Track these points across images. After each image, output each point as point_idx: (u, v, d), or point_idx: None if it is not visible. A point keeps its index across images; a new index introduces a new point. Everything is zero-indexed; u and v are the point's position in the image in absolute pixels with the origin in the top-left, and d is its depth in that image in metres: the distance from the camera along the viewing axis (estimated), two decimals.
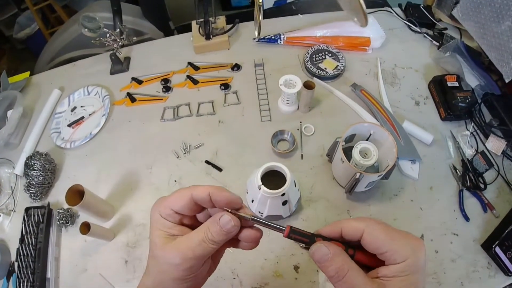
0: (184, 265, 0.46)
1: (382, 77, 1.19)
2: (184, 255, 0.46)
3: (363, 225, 0.46)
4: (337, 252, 0.46)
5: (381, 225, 0.45)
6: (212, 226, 0.47)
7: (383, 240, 0.44)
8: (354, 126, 0.90)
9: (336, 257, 0.45)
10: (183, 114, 1.19)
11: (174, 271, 0.47)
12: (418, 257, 0.44)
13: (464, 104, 1.05)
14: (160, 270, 0.48)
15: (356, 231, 0.46)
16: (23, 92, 1.36)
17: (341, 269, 0.45)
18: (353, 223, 0.47)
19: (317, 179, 1.01)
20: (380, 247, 0.44)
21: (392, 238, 0.44)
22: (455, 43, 1.19)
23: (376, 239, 0.45)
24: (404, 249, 0.43)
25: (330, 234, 0.49)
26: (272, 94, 1.19)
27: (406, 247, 0.43)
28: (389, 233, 0.44)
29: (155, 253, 0.48)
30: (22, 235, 0.98)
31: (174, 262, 0.46)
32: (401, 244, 0.43)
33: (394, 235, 0.44)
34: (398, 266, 0.43)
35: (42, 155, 1.09)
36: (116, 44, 1.29)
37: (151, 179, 1.07)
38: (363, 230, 0.45)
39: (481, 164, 0.99)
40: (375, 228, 0.45)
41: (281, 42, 1.31)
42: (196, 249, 0.46)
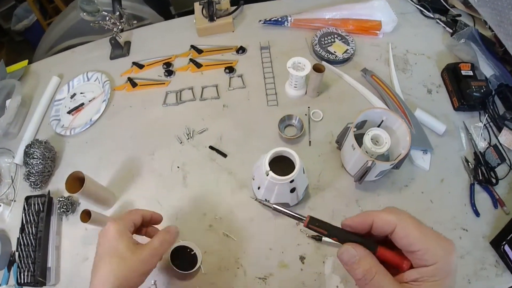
0: (152, 260, 0.66)
1: (394, 63, 1.15)
2: (153, 252, 0.66)
3: (396, 219, 0.44)
4: (365, 254, 0.45)
5: (415, 221, 0.44)
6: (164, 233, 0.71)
7: (415, 238, 0.43)
8: (366, 112, 0.87)
9: (364, 259, 0.45)
10: (186, 98, 1.16)
11: (143, 267, 0.64)
12: (450, 260, 0.42)
13: (478, 94, 1.01)
14: (129, 268, 0.62)
15: (388, 225, 0.45)
16: (22, 81, 1.33)
17: (369, 272, 0.44)
18: (386, 216, 0.45)
19: (325, 166, 0.97)
20: (412, 245, 0.43)
21: (425, 235, 0.43)
22: (469, 30, 1.14)
23: (408, 235, 0.43)
24: (436, 249, 0.42)
25: (358, 226, 0.47)
26: (279, 78, 1.16)
27: (438, 247, 0.42)
28: (423, 231, 0.43)
29: (125, 255, 0.63)
30: (23, 225, 0.97)
31: (145, 258, 0.65)
32: (434, 244, 0.42)
33: (427, 233, 0.43)
34: (428, 269, 0.42)
35: (42, 143, 1.07)
36: (116, 28, 1.25)
37: (153, 165, 1.04)
38: (395, 224, 0.44)
39: (493, 158, 0.95)
40: (409, 224, 0.44)
41: (288, 25, 1.27)
42: (159, 249, 0.68)
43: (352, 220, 0.48)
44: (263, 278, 0.84)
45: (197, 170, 1.01)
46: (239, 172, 0.99)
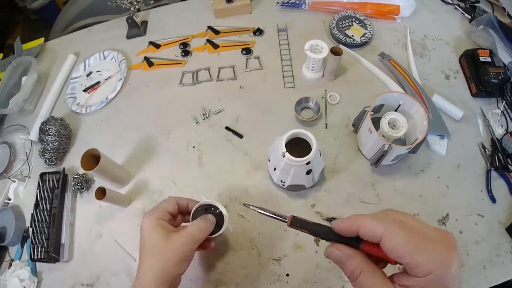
0: (186, 247, 0.64)
1: (411, 48, 1.14)
2: (187, 239, 0.65)
3: (382, 229, 0.42)
4: (349, 254, 0.46)
5: (404, 231, 0.41)
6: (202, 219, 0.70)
7: (404, 251, 0.40)
8: (383, 95, 0.86)
9: (350, 259, 0.45)
10: (202, 78, 1.16)
11: (178, 254, 0.63)
12: (445, 272, 0.39)
13: (497, 80, 1.00)
14: (164, 258, 0.63)
15: (374, 235, 0.43)
16: (38, 58, 1.34)
17: (354, 272, 0.44)
18: (371, 225, 0.43)
19: (341, 149, 0.97)
20: (400, 257, 0.41)
21: (415, 249, 0.40)
22: (488, 17, 1.12)
23: (396, 248, 0.41)
24: (428, 262, 0.39)
25: (344, 232, 0.46)
26: (296, 60, 1.15)
27: (431, 259, 0.39)
28: (411, 243, 0.40)
29: (158, 245, 0.64)
30: (37, 201, 0.98)
31: (179, 246, 0.64)
32: (426, 256, 0.39)
33: (417, 245, 0.40)
34: (420, 280, 0.40)
35: (57, 120, 1.08)
36: (133, 7, 1.25)
37: (169, 145, 1.04)
38: (381, 235, 0.42)
39: (510, 144, 0.94)
40: (396, 235, 0.41)
41: (306, 7, 1.26)
42: (194, 235, 0.66)
43: (339, 224, 0.47)
44: (277, 259, 0.85)
45: (213, 151, 1.02)
46: (254, 153, 0.99)
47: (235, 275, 0.84)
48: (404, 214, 0.44)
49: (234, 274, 0.84)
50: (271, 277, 0.83)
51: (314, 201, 0.91)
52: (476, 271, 0.81)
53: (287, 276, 0.83)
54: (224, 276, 0.84)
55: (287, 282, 0.82)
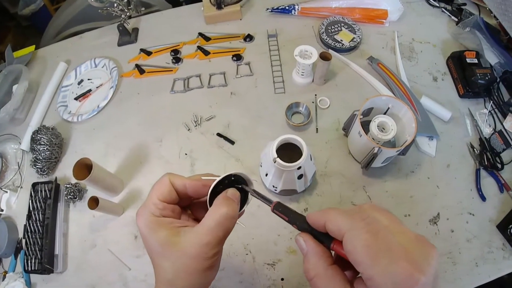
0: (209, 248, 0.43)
1: (400, 51, 1.15)
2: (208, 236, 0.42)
3: (346, 226, 0.36)
4: (312, 251, 0.40)
5: (368, 234, 0.34)
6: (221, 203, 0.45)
7: (360, 257, 0.34)
8: (372, 99, 0.88)
9: (311, 256, 0.40)
10: (193, 85, 1.16)
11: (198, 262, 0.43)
12: None
13: (483, 81, 1.01)
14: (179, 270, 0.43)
15: (338, 232, 0.37)
16: (29, 66, 1.33)
17: (309, 271, 0.39)
18: (337, 220, 0.37)
19: (332, 153, 0.98)
20: (356, 263, 0.35)
21: (373, 258, 0.33)
22: (475, 19, 1.14)
23: (353, 251, 0.35)
24: (382, 279, 0.32)
25: (314, 224, 0.41)
26: (286, 66, 1.16)
27: (387, 277, 0.32)
28: (372, 250, 0.33)
29: (161, 253, 0.43)
30: (30, 211, 0.97)
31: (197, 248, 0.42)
32: (382, 270, 0.32)
33: (377, 255, 0.33)
34: None
35: (49, 129, 1.07)
36: (124, 14, 1.25)
37: (161, 152, 1.05)
38: (344, 233, 0.36)
39: (498, 143, 0.96)
40: (357, 237, 0.35)
41: (295, 13, 1.27)
42: (215, 228, 0.43)
43: (311, 216, 0.41)
44: (271, 264, 0.85)
45: (205, 157, 1.02)
46: (246, 159, 1.00)
47: (230, 281, 0.84)
48: (382, 213, 0.37)
49: (229, 280, 0.84)
50: (266, 282, 0.83)
51: (306, 205, 0.91)
52: (469, 269, 0.82)
53: (282, 281, 0.83)
54: (219, 282, 0.84)
55: (282, 286, 0.83)
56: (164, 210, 0.46)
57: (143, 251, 0.90)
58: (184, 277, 0.43)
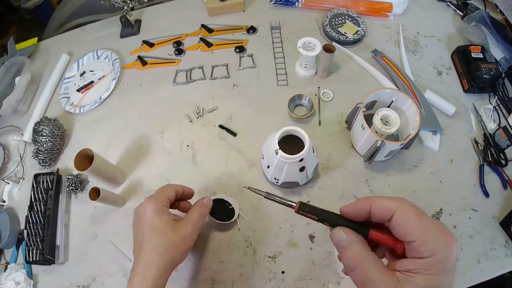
0: (192, 236, 0.68)
1: (404, 45, 1.14)
2: (193, 227, 0.68)
3: (395, 205, 0.43)
4: (355, 240, 0.45)
5: (415, 209, 0.42)
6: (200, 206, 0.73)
7: (414, 226, 0.41)
8: (376, 92, 0.87)
9: (353, 245, 0.44)
10: (196, 77, 1.15)
11: (185, 243, 0.67)
12: (449, 256, 0.40)
13: (488, 76, 1.00)
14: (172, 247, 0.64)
15: (387, 210, 0.43)
16: (31, 58, 1.33)
17: (352, 261, 0.44)
18: (385, 202, 0.44)
19: (334, 146, 0.98)
20: (409, 233, 0.41)
21: (425, 226, 0.41)
22: (480, 13, 1.13)
23: (407, 223, 0.41)
24: (435, 242, 0.40)
25: (357, 213, 0.46)
26: (289, 58, 1.15)
27: (437, 241, 0.40)
28: (422, 220, 0.41)
29: (166, 233, 0.65)
30: (31, 202, 0.97)
31: (186, 234, 0.67)
32: (433, 235, 0.40)
33: (427, 223, 0.41)
34: (424, 261, 0.40)
35: (51, 120, 1.07)
36: (126, 6, 1.25)
37: (163, 143, 1.04)
38: (394, 210, 0.42)
39: (502, 139, 0.95)
40: (408, 211, 0.42)
41: (299, 5, 1.26)
42: (197, 223, 0.70)
43: (351, 206, 0.47)
44: (272, 256, 0.85)
45: (207, 149, 1.02)
46: (248, 151, 0.99)
47: (231, 274, 0.84)
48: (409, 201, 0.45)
49: (229, 272, 0.84)
50: (266, 274, 0.83)
51: (308, 198, 0.91)
52: (471, 265, 0.82)
53: (282, 274, 0.83)
54: (220, 274, 0.84)
55: (283, 279, 0.82)
56: (167, 205, 0.70)
57: None
58: (172, 251, 0.64)
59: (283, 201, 0.55)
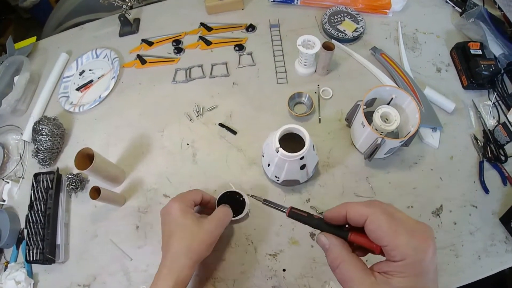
0: (217, 231, 0.73)
1: (403, 42, 1.14)
2: (218, 223, 0.74)
3: (368, 211, 0.45)
4: (335, 243, 0.49)
5: (387, 215, 0.44)
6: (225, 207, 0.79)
7: (384, 232, 0.43)
8: (376, 89, 0.87)
9: (333, 247, 0.49)
10: (195, 75, 1.15)
11: (210, 238, 0.71)
12: (420, 259, 0.42)
13: (487, 72, 1.00)
14: (198, 241, 0.69)
15: (360, 217, 0.46)
16: (30, 58, 1.32)
17: (334, 261, 0.48)
18: (358, 208, 0.47)
19: (335, 144, 0.98)
20: (380, 238, 0.44)
21: (396, 232, 0.43)
22: (479, 10, 1.13)
23: (377, 229, 0.44)
24: (404, 246, 0.42)
25: (335, 217, 0.50)
26: (289, 56, 1.15)
27: (408, 245, 0.42)
28: (393, 226, 0.43)
29: (193, 229, 0.70)
30: (31, 202, 0.97)
31: (211, 230, 0.72)
32: (403, 241, 0.42)
33: (398, 229, 0.43)
34: (397, 264, 0.43)
35: (50, 119, 1.07)
36: (125, 4, 1.24)
37: (163, 142, 1.04)
38: (367, 216, 0.45)
39: (502, 135, 0.95)
40: (379, 217, 0.44)
41: (297, 3, 1.26)
42: (222, 220, 0.76)
43: (331, 211, 0.51)
44: (273, 254, 0.85)
45: (207, 147, 1.02)
46: (248, 149, 0.99)
47: (232, 272, 0.84)
48: (388, 204, 0.47)
49: (231, 270, 0.84)
50: (267, 272, 0.83)
51: (308, 195, 0.91)
52: (471, 262, 0.82)
53: (283, 271, 0.83)
54: (221, 272, 0.84)
55: (284, 277, 0.83)
56: (192, 207, 0.76)
57: (144, 241, 0.91)
58: (196, 244, 0.69)
59: (277, 207, 0.65)
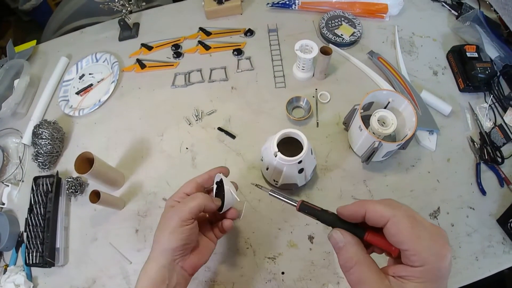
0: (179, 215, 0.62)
1: (400, 45, 1.15)
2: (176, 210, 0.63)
3: (390, 213, 0.43)
4: (351, 242, 0.46)
5: (409, 218, 0.43)
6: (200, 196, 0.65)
7: (406, 236, 0.42)
8: (373, 93, 0.88)
9: (349, 246, 0.46)
10: (194, 80, 1.16)
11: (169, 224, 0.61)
12: (440, 266, 0.41)
13: (484, 75, 1.01)
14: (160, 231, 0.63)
15: (381, 218, 0.44)
16: (30, 61, 1.33)
17: (349, 261, 0.45)
18: (380, 208, 0.45)
19: (332, 147, 0.98)
20: (402, 243, 0.42)
21: (418, 236, 0.41)
22: (475, 13, 1.14)
23: (399, 233, 0.42)
24: (426, 252, 0.41)
25: (351, 216, 0.48)
26: (287, 60, 1.16)
27: (429, 251, 0.41)
28: (416, 230, 0.42)
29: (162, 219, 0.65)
30: (31, 205, 0.97)
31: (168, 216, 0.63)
32: (425, 246, 0.41)
33: (420, 233, 0.42)
34: (415, 270, 0.41)
35: (50, 123, 1.07)
36: (125, 9, 1.25)
37: (162, 146, 1.05)
38: (388, 219, 0.43)
39: (499, 137, 0.96)
40: (402, 221, 0.42)
41: (295, 7, 1.27)
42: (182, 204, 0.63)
43: (346, 209, 0.48)
44: (272, 257, 0.86)
45: (206, 151, 1.02)
46: (247, 153, 1.00)
47: (231, 275, 0.85)
48: (405, 205, 0.45)
49: (230, 273, 0.85)
50: (266, 275, 0.84)
51: (307, 198, 0.92)
52: (469, 263, 0.82)
53: (282, 274, 0.84)
54: (220, 276, 0.85)
55: (283, 280, 0.83)
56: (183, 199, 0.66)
57: (144, 244, 0.91)
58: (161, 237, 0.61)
59: (286, 199, 0.57)
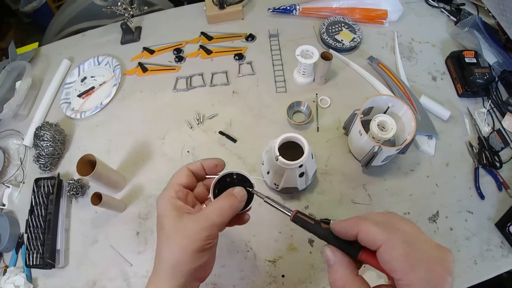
0: (201, 233, 0.49)
1: (399, 51, 1.17)
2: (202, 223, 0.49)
3: (384, 237, 0.39)
4: (340, 262, 0.43)
5: (404, 245, 0.38)
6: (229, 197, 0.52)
7: (400, 266, 0.37)
8: (372, 98, 0.88)
9: (338, 266, 0.43)
10: (196, 84, 1.17)
11: (191, 243, 0.48)
12: None
13: (482, 80, 1.03)
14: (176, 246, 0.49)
15: (373, 242, 0.40)
16: (32, 63, 1.34)
17: (338, 281, 0.42)
18: (373, 231, 0.40)
19: (333, 152, 0.99)
20: (394, 272, 0.38)
21: (412, 266, 0.37)
22: (473, 19, 1.16)
23: (392, 261, 0.38)
24: (420, 283, 0.36)
25: (343, 234, 0.44)
26: (287, 65, 1.17)
27: (424, 282, 0.36)
28: (410, 259, 0.37)
29: (169, 233, 0.50)
30: (32, 207, 0.98)
31: (192, 231, 0.49)
32: (420, 277, 0.36)
33: (415, 263, 0.37)
34: None
35: (52, 125, 1.08)
36: (127, 13, 1.26)
37: (163, 149, 1.05)
38: (381, 244, 0.39)
39: (497, 142, 0.97)
40: (396, 247, 0.38)
41: (296, 13, 1.28)
42: (213, 218, 0.50)
43: (339, 225, 0.44)
44: (272, 261, 0.86)
45: (207, 155, 1.02)
46: (248, 156, 1.01)
47: (231, 278, 0.85)
48: (407, 223, 0.41)
49: (230, 276, 0.85)
50: (267, 278, 0.84)
51: (307, 202, 0.92)
52: (468, 267, 0.83)
53: (282, 277, 0.84)
54: (221, 278, 0.85)
55: (283, 283, 0.83)
56: (180, 192, 0.54)
57: (144, 247, 0.91)
58: (184, 257, 0.48)
59: (281, 208, 0.53)
